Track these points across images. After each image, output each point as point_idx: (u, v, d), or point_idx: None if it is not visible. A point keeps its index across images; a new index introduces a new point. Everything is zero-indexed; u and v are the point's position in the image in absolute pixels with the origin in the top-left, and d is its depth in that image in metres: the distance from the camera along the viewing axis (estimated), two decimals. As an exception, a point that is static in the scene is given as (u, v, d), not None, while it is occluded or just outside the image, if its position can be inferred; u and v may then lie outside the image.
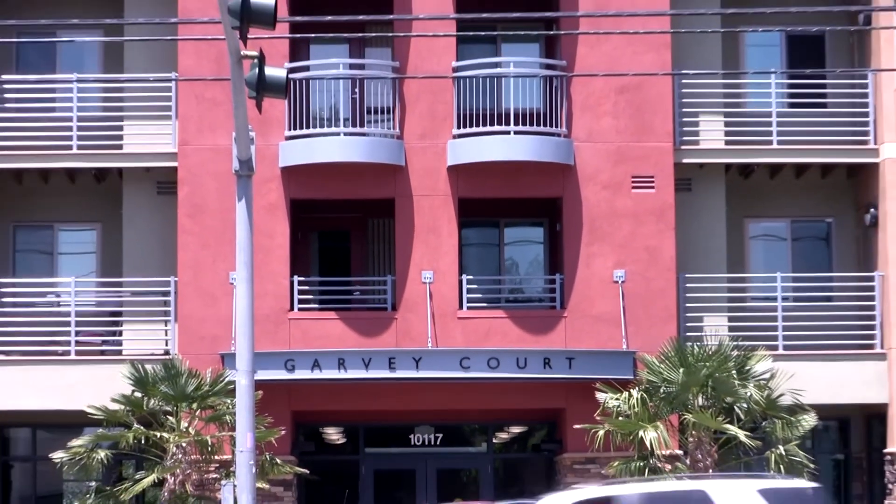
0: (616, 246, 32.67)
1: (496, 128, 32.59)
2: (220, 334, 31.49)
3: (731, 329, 32.72)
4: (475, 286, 33.35)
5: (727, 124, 33.90)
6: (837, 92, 34.40)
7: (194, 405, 30.26)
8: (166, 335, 33.03)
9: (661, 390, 30.26)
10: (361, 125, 33.17)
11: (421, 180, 32.73)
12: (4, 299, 33.15)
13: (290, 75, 27.77)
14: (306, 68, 32.89)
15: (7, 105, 33.42)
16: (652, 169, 32.90)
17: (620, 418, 30.16)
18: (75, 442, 30.47)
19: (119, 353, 32.90)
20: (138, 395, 30.30)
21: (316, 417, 33.47)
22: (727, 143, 33.84)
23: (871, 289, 33.25)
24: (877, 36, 33.39)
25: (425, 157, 32.76)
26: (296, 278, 32.70)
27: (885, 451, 32.72)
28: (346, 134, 32.79)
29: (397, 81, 32.89)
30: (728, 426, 29.76)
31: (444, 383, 31.78)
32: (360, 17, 29.12)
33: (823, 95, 34.38)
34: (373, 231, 34.63)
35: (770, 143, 33.71)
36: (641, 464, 30.18)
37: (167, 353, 32.39)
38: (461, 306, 32.72)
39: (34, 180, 34.02)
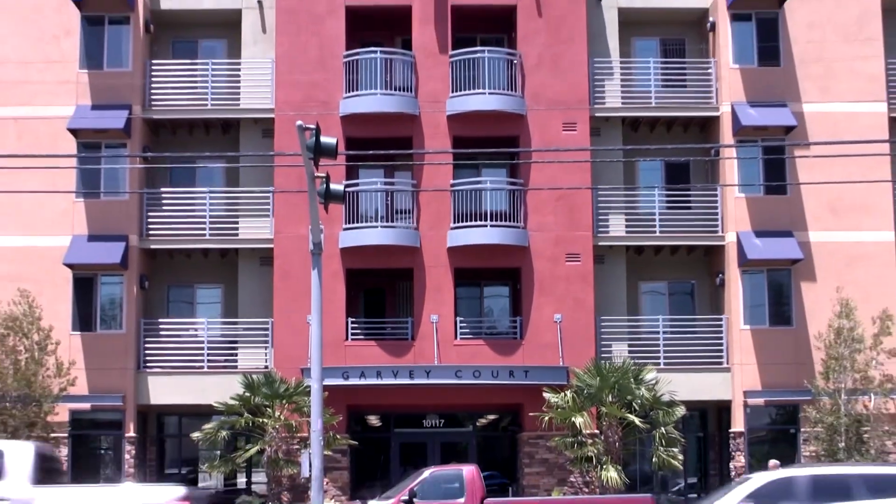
0: (555, 299, 32.27)
1: (478, 223, 32.30)
2: (300, 355, 30.91)
3: (630, 352, 32.39)
4: (465, 325, 32.98)
5: (627, 220, 33.45)
6: (698, 199, 33.83)
7: (284, 401, 30.25)
8: (266, 356, 32.53)
9: (585, 391, 30.19)
10: (392, 221, 32.61)
11: (430, 256, 32.37)
12: (162, 334, 32.87)
13: (346, 189, 28.00)
14: (356, 184, 32.50)
15: (164, 208, 33.12)
16: (579, 249, 32.53)
17: (559, 409, 30.13)
18: (207, 426, 30.64)
19: (235, 367, 32.44)
20: (248, 395, 30.25)
21: (362, 409, 33.02)
22: (627, 232, 33.34)
23: (720, 326, 32.94)
24: (723, 163, 33.03)
25: (433, 241, 32.43)
26: (349, 319, 32.36)
27: (730, 430, 32.38)
28: (382, 227, 32.29)
29: (415, 192, 32.72)
30: (628, 415, 29.68)
31: (444, 387, 31.45)
32: (391, 152, 29.12)
33: (689, 201, 33.92)
34: (399, 289, 33.82)
35: (654, 232, 33.30)
36: (572, 439, 30.17)
37: (267, 367, 32.05)
38: (456, 337, 32.36)
39: (181, 257, 33.80)
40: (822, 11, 33.75)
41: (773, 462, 28.12)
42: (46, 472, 21.50)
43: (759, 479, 20.05)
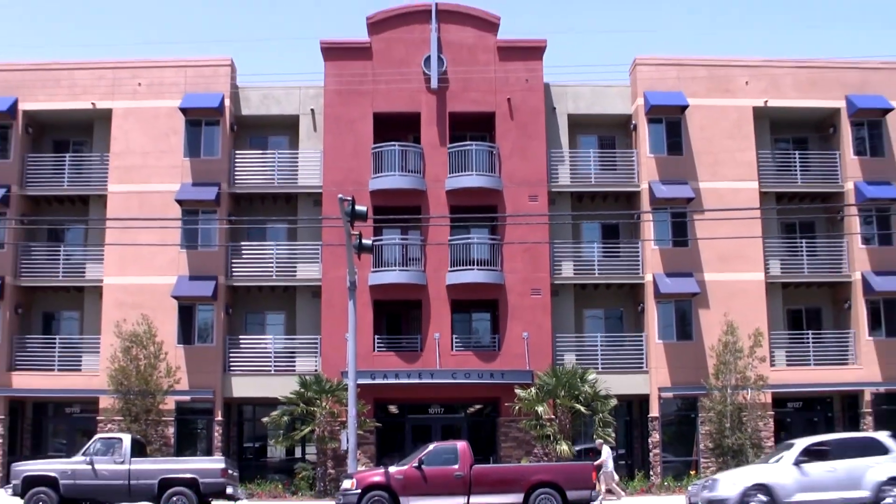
0: (524, 322, 32.26)
1: (468, 267, 32.42)
2: (340, 362, 31.00)
3: (577, 359, 32.38)
4: (458, 340, 32.87)
5: (574, 266, 33.38)
6: (625, 250, 33.64)
7: (328, 395, 30.35)
8: (316, 363, 32.44)
9: (544, 388, 30.38)
10: (406, 266, 32.59)
11: (433, 291, 32.34)
12: (241, 346, 32.81)
13: (374, 243, 28.52)
14: (381, 240, 32.55)
15: (243, 256, 33.17)
16: (540, 286, 32.57)
17: (526, 401, 30.32)
18: (273, 413, 30.80)
19: (294, 370, 32.30)
20: (302, 391, 30.40)
21: (385, 400, 32.56)
22: (574, 274, 33.26)
23: (641, 341, 32.94)
24: (643, 224, 33.16)
25: (436, 280, 32.40)
26: (375, 336, 32.36)
27: (648, 416, 32.36)
28: (399, 270, 32.27)
29: (423, 245, 32.67)
30: (576, 405, 29.93)
31: (444, 385, 31.45)
32: (405, 216, 29.63)
33: (619, 252, 33.77)
34: (411, 315, 33.41)
35: (594, 274, 33.31)
36: (535, 422, 30.25)
37: (316, 371, 32.00)
38: (452, 349, 32.24)
39: (255, 292, 33.80)
40: (711, 116, 34.28)
41: (599, 441, 28.22)
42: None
43: None
